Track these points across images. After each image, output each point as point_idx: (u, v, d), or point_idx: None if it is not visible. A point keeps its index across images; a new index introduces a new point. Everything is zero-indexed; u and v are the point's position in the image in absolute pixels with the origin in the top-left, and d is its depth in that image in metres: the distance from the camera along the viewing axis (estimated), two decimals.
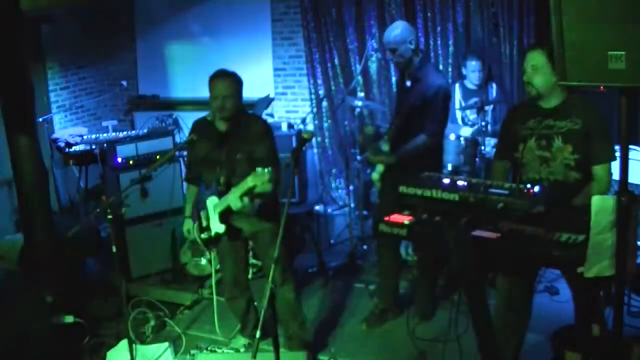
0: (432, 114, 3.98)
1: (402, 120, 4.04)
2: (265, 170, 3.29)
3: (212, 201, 3.79)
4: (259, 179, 3.31)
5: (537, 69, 3.02)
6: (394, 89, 5.80)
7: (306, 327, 4.10)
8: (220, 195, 3.72)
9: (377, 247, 4.70)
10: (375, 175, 4.12)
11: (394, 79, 6.10)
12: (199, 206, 3.95)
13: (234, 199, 3.51)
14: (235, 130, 3.73)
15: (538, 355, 3.67)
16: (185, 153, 5.33)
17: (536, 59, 3.02)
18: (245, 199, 3.51)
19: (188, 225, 4.03)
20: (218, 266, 4.38)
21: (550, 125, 3.06)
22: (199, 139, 3.79)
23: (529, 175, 3.13)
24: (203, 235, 3.87)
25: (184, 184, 4.04)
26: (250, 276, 4.78)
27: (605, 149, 2.99)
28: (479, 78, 5.42)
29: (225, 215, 3.71)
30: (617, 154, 2.80)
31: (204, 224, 3.87)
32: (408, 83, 4.11)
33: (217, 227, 3.76)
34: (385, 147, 4.07)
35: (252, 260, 4.99)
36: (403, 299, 4.55)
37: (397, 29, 4.03)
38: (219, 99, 3.62)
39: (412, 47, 4.00)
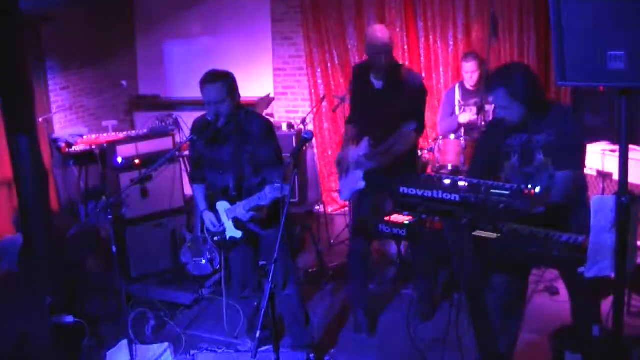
0: (418, 111, 3.97)
1: (384, 127, 3.94)
2: (278, 188, 3.32)
3: (223, 206, 3.74)
4: (272, 195, 3.39)
5: (506, 108, 2.99)
6: None
7: (309, 329, 4.00)
8: (232, 201, 3.68)
9: (348, 250, 4.61)
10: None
11: None
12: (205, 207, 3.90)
13: (242, 212, 3.57)
14: (236, 130, 3.63)
15: (538, 355, 3.67)
16: (185, 153, 5.36)
17: (501, 100, 2.97)
18: (252, 212, 3.55)
19: (210, 216, 3.83)
20: (219, 266, 4.37)
21: (529, 141, 3.05)
22: (199, 139, 3.71)
23: None
24: (216, 238, 3.85)
25: (192, 184, 3.94)
26: None
27: (566, 158, 2.96)
28: (475, 79, 5.41)
29: (240, 221, 3.69)
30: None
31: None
32: (378, 85, 4.00)
33: (233, 232, 3.74)
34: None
35: None
36: (402, 299, 4.55)
37: (384, 32, 3.94)
38: (212, 104, 3.52)
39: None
